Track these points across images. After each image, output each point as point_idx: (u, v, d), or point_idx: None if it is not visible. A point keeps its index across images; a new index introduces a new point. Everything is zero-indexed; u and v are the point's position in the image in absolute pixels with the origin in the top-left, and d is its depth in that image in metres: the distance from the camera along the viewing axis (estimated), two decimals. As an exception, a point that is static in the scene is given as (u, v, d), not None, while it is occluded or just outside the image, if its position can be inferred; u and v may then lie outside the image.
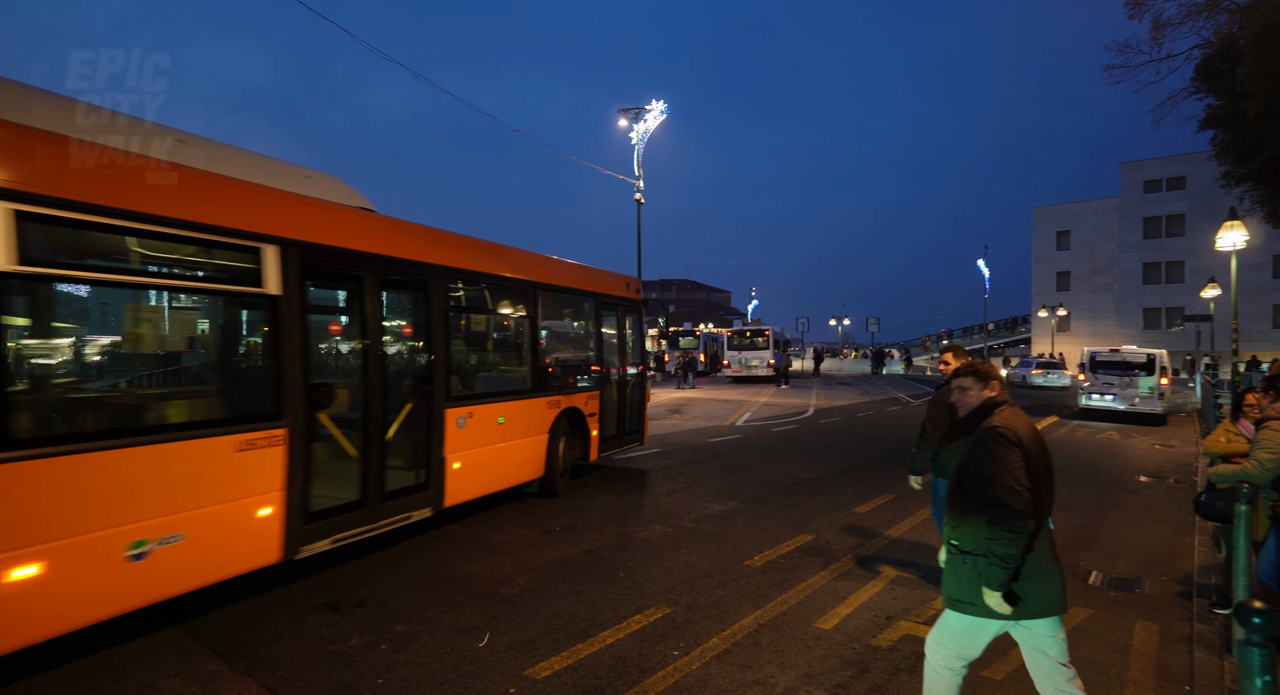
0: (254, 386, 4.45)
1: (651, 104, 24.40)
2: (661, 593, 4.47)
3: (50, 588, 3.11)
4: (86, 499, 3.28)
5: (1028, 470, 2.37)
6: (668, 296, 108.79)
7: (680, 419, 15.21)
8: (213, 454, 3.86)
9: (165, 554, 3.56)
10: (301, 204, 4.64)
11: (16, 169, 3.06)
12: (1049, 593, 2.41)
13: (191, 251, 4.04)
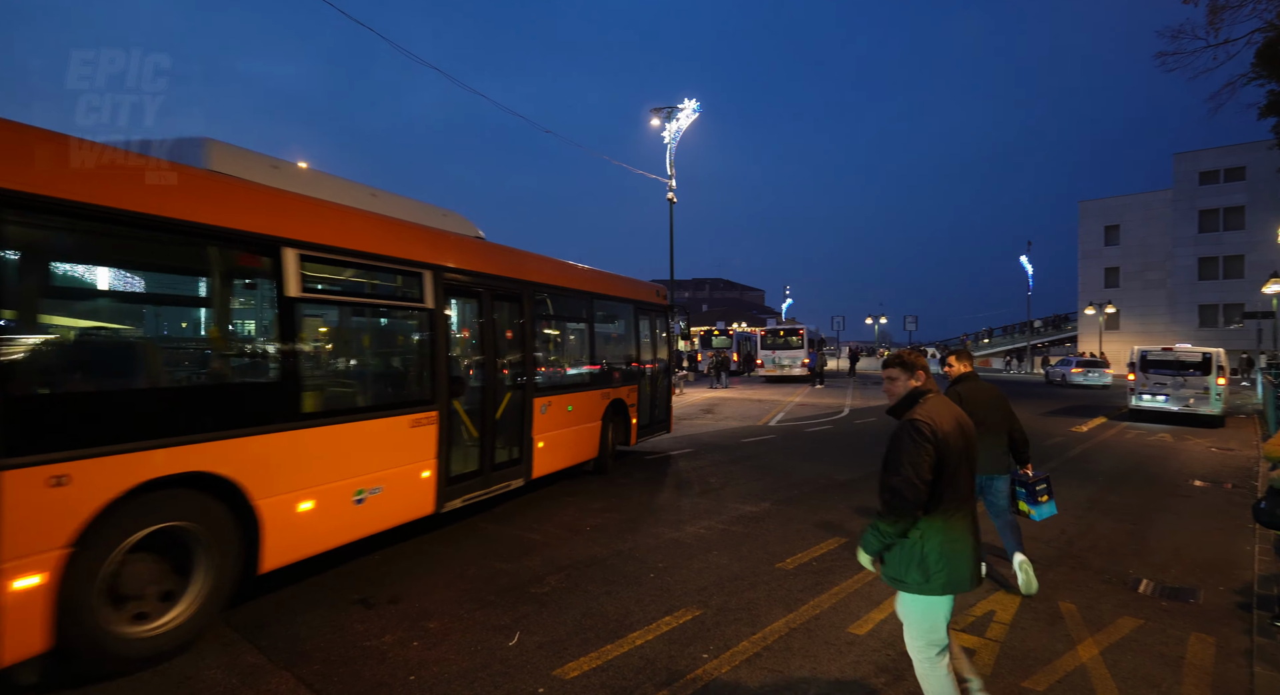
0: (418, 378, 5.65)
1: (683, 102, 24.33)
2: (692, 594, 4.44)
3: (317, 519, 4.43)
4: (336, 457, 4.61)
5: (939, 463, 2.56)
6: (700, 296, 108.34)
7: (713, 419, 15.12)
8: (398, 428, 5.15)
9: (373, 501, 4.88)
10: (444, 238, 6.03)
11: (303, 228, 4.52)
12: (973, 572, 2.63)
13: (385, 278, 5.45)
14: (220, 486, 3.83)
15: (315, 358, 4.98)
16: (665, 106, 24.33)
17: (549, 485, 7.71)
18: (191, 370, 4.29)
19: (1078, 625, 4.07)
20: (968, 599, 4.40)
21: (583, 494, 7.38)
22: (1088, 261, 45.24)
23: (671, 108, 24.34)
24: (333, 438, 4.58)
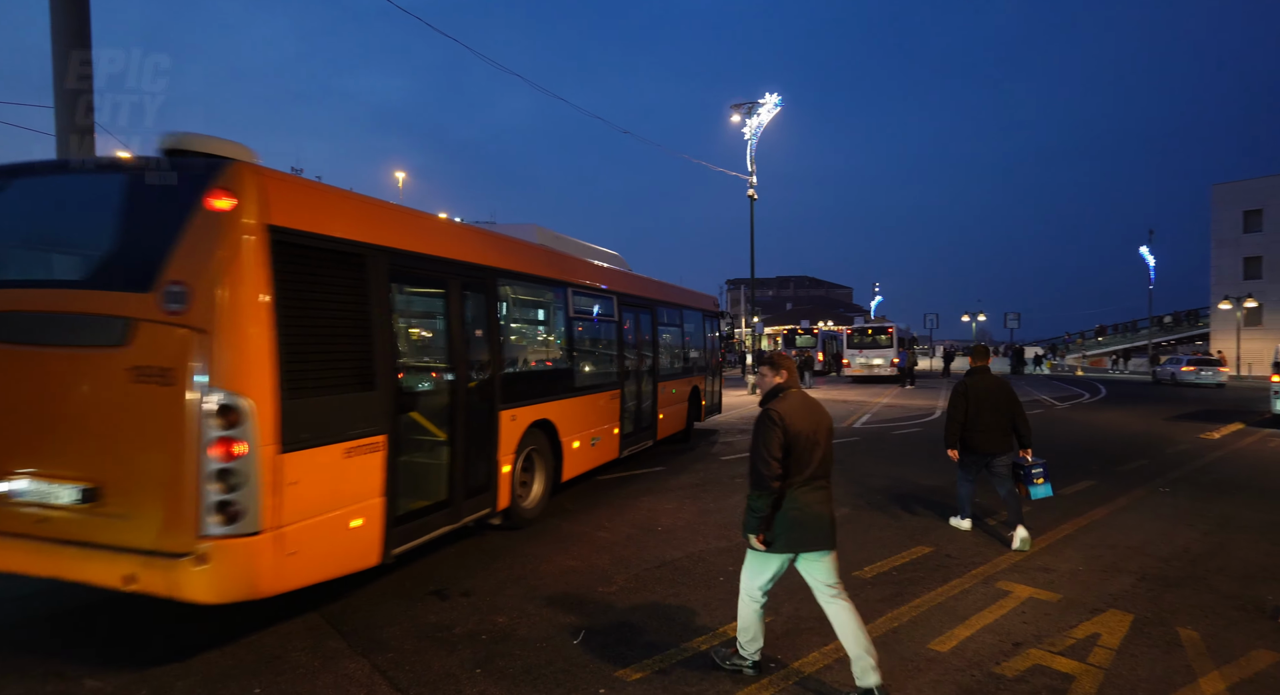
0: (610, 366, 8.27)
1: (764, 97, 23.87)
2: (761, 600, 4.29)
3: (580, 452, 7.14)
4: (586, 416, 7.33)
5: (786, 444, 3.14)
6: (784, 294, 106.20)
7: (794, 420, 14.72)
8: (605, 401, 7.87)
9: (596, 446, 7.55)
10: (621, 272, 9.07)
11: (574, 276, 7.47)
12: (817, 534, 3.19)
13: (603, 304, 8.17)
14: (550, 428, 6.46)
15: (577, 355, 7.54)
16: (746, 102, 23.95)
17: (628, 484, 7.81)
18: (538, 363, 7.16)
19: (1200, 655, 3.62)
20: (1067, 619, 4.03)
21: (657, 493, 7.34)
22: (1223, 250, 40.79)
23: (752, 103, 23.93)
24: (586, 404, 7.33)
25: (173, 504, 3.28)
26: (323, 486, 3.75)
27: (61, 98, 6.55)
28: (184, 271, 3.34)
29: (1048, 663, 3.49)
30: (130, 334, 3.37)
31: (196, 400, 3.25)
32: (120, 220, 3.70)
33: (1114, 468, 9.08)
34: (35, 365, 3.59)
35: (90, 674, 3.34)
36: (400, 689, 3.20)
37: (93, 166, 4.29)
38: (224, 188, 3.40)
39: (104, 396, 3.44)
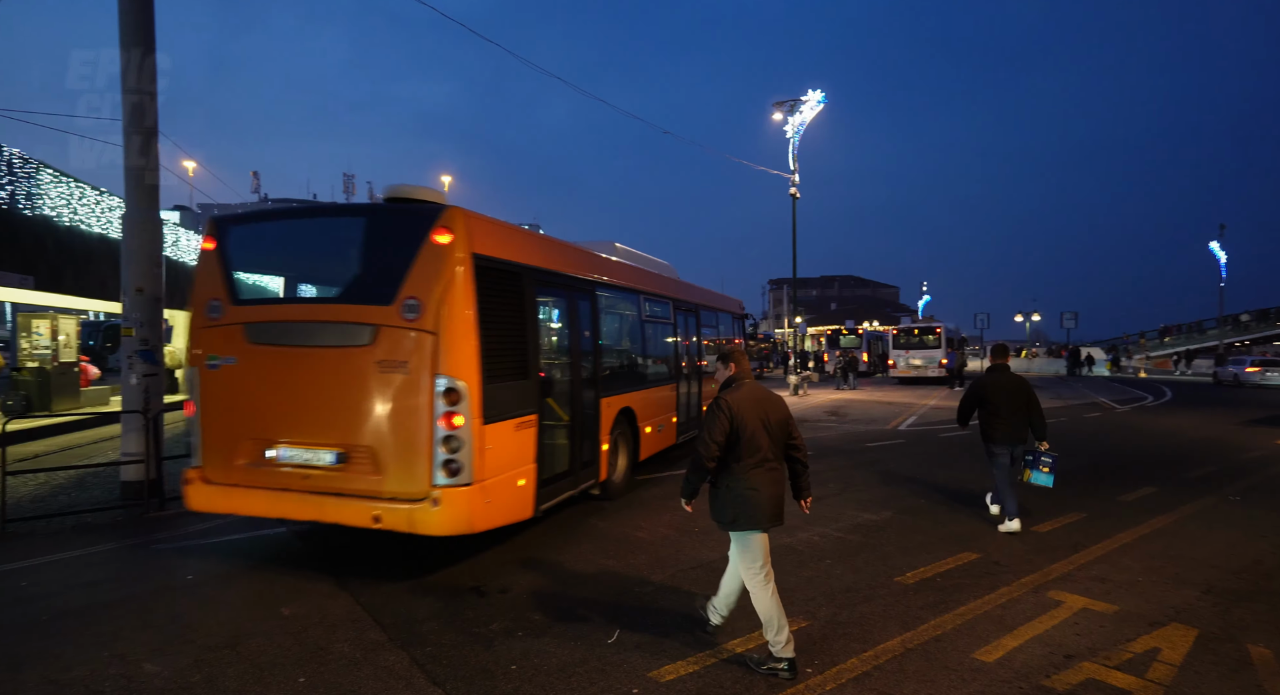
0: (669, 364, 9.31)
1: (807, 94, 23.53)
2: (799, 604, 4.22)
3: (652, 437, 8.27)
4: (656, 406, 8.49)
5: (733, 430, 3.45)
6: (829, 293, 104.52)
7: (837, 421, 14.46)
8: (669, 393, 9.07)
9: (661, 432, 8.64)
10: (675, 281, 10.14)
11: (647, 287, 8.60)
12: (778, 512, 3.54)
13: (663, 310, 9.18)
14: (631, 415, 7.57)
15: (648, 354, 8.63)
16: (788, 99, 23.65)
17: (665, 485, 7.83)
18: (622, 360, 8.11)
19: (1273, 675, 3.40)
20: (1124, 632, 3.83)
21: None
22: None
23: (794, 100, 23.62)
24: (654, 396, 8.48)
25: (412, 462, 4.40)
26: (504, 452, 4.84)
27: (129, 103, 6.88)
28: (417, 289, 4.48)
29: (1102, 677, 3.33)
30: (376, 336, 4.52)
31: (429, 384, 4.39)
32: (368, 251, 4.98)
33: (1179, 474, 8.62)
34: (304, 362, 4.71)
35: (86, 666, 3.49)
36: (438, 683, 3.25)
37: (346, 210, 6.33)
38: (444, 226, 4.55)
39: (356, 383, 4.55)
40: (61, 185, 12.34)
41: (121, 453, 6.86)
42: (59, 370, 13.51)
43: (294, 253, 5.52)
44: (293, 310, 5.02)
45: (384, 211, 5.07)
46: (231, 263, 5.11)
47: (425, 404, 4.40)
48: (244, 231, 5.43)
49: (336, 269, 5.26)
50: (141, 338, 6.80)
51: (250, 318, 4.92)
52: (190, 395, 5.05)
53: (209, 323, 4.99)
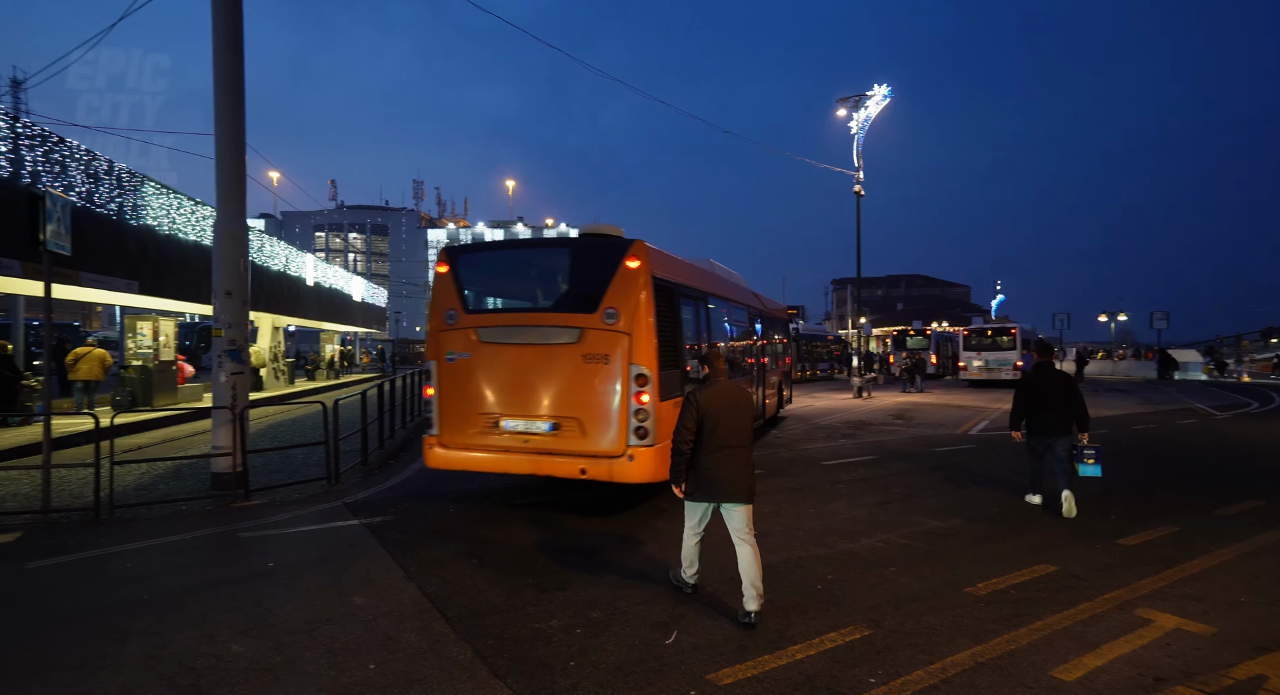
0: (749, 358, 10.97)
1: (873, 89, 22.93)
2: (862, 611, 4.11)
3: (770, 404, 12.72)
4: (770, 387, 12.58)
5: (700, 420, 4.16)
6: (895, 293, 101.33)
7: (903, 425, 13.99)
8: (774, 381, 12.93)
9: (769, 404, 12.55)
10: (749, 290, 11.89)
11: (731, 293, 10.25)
12: (732, 489, 4.12)
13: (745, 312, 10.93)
14: None
15: (739, 348, 10.42)
16: (852, 95, 23.11)
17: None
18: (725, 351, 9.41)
19: (1398, 709, 3.08)
20: (1224, 656, 3.55)
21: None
22: None
23: (859, 96, 23.06)
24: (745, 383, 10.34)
25: (611, 428, 6.00)
26: (669, 423, 5.97)
27: (220, 118, 7.33)
28: (614, 301, 6.11)
29: (1197, 703, 3.09)
30: (583, 336, 6.12)
31: (625, 371, 5.98)
32: (574, 273, 6.68)
33: (1287, 486, 7.92)
34: (524, 355, 6.30)
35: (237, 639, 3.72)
36: (499, 675, 3.33)
37: (554, 242, 8.79)
38: (634, 255, 6.20)
39: (567, 371, 6.14)
40: (162, 196, 13.32)
41: (212, 446, 7.34)
42: (159, 368, 14.58)
43: (510, 274, 7.37)
44: (515, 317, 6.74)
45: (587, 243, 6.66)
46: (461, 282, 6.79)
47: (622, 386, 6.00)
48: (470, 259, 7.14)
49: (548, 286, 6.97)
50: (230, 338, 7.26)
51: (480, 323, 6.58)
52: (430, 381, 6.70)
53: (446, 327, 6.65)
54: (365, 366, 37.91)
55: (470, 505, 6.88)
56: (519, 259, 7.56)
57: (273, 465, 8.86)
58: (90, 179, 11.00)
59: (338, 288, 27.14)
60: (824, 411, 16.98)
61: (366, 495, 7.29)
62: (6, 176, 9.17)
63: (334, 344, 30.44)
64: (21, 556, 5.23)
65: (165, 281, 13.47)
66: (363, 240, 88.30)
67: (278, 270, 19.72)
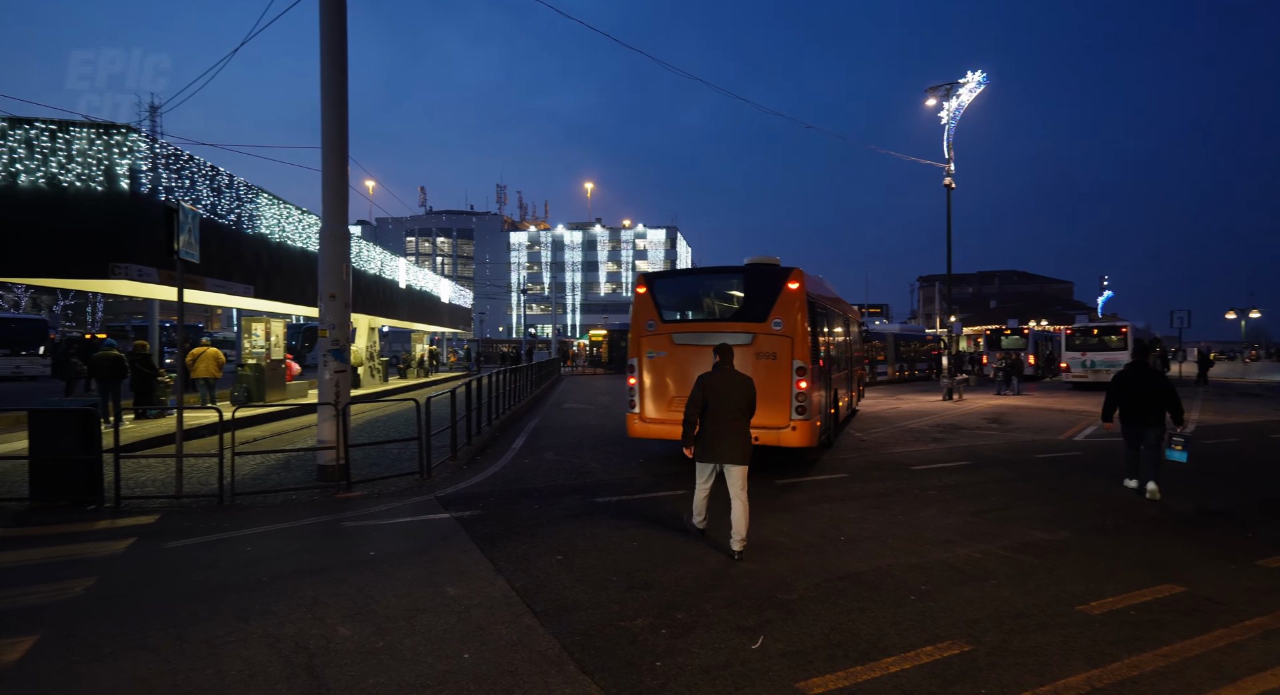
0: (842, 358, 11.80)
1: (966, 76, 21.84)
2: (961, 626, 3.90)
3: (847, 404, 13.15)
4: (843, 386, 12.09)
5: (705, 399, 5.25)
6: (987, 290, 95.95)
7: (998, 429, 13.22)
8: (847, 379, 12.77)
9: (846, 406, 12.91)
10: (842, 300, 13.19)
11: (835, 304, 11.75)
12: (729, 453, 5.19)
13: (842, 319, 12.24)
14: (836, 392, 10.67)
15: (836, 351, 11.19)
16: (943, 84, 22.07)
17: (807, 490, 7.62)
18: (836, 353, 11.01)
19: None
20: (1393, 697, 3.13)
21: (839, 501, 7.01)
22: None
23: (951, 84, 22.00)
24: (842, 379, 11.56)
25: (779, 407, 8.09)
26: (818, 403, 8.52)
27: (326, 133, 7.81)
28: (779, 313, 8.26)
29: (1361, 748, 2.75)
30: (755, 339, 8.29)
31: (789, 365, 8.12)
32: (748, 292, 8.74)
33: None
34: (709, 353, 7.63)
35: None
36: (587, 672, 3.38)
37: (730, 270, 9.29)
38: (794, 279, 8.32)
39: (744, 365, 8.00)
40: (274, 207, 14.37)
41: (318, 440, 7.84)
42: (271, 366, 15.73)
43: (694, 293, 9.46)
44: (701, 326, 8.78)
45: (756, 270, 8.87)
46: (657, 299, 9.05)
47: (787, 375, 8.15)
48: (663, 282, 9.42)
49: (726, 302, 9.09)
50: (334, 339, 7.73)
51: (673, 330, 8.81)
52: (633, 374, 8.92)
53: (646, 333, 8.90)
54: (452, 365, 39.52)
55: (553, 502, 7.03)
56: (702, 282, 9.52)
57: (370, 458, 9.38)
58: (214, 192, 12.02)
59: (427, 290, 28.42)
60: (910, 414, 16.28)
61: (456, 489, 7.59)
62: (146, 192, 10.15)
63: (424, 344, 31.89)
64: (161, 537, 5.77)
65: (275, 285, 14.52)
66: (449, 244, 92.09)
67: (374, 274, 20.87)
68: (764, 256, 9.22)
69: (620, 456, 9.94)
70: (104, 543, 5.57)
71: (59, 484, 6.65)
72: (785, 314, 8.21)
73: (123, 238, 9.85)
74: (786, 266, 8.64)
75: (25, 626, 3.91)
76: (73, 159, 9.60)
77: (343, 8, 7.78)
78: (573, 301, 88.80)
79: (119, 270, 9.66)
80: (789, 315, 8.20)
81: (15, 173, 9.45)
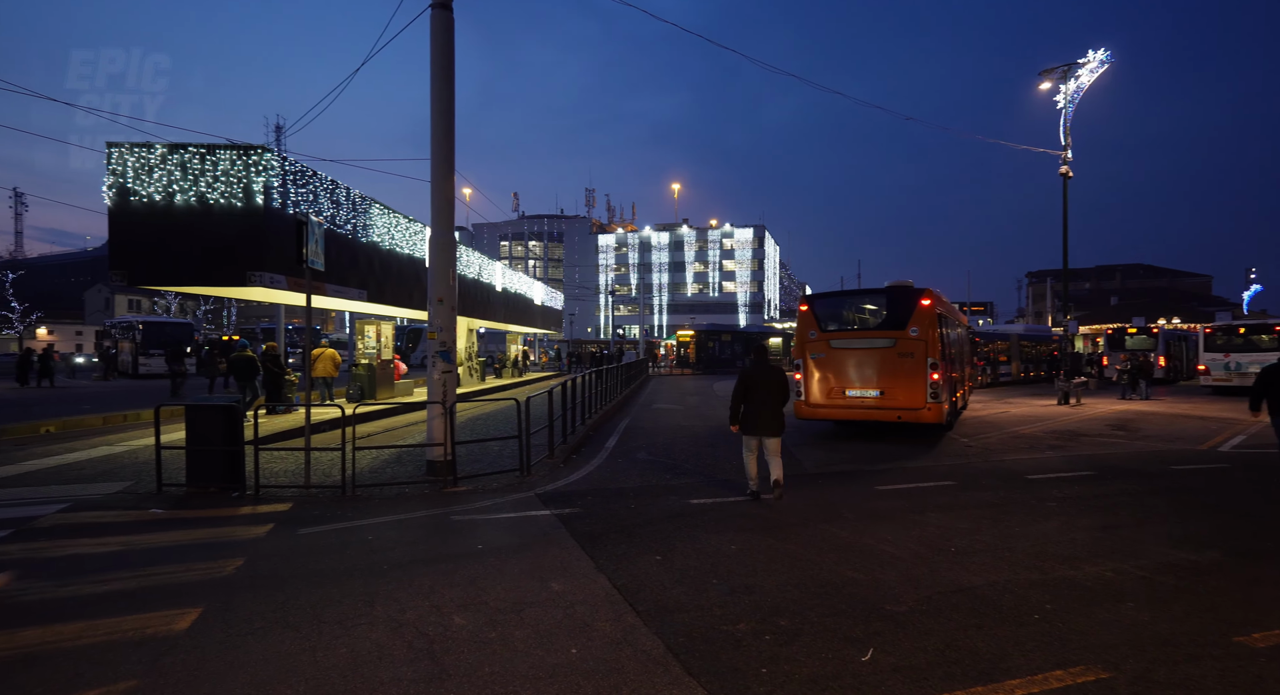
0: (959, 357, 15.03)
1: (1086, 55, 20.22)
2: (1095, 650, 3.62)
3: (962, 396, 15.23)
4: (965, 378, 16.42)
5: (745, 387, 7.02)
6: (1107, 286, 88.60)
7: (1125, 437, 12.14)
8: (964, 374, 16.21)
9: (963, 396, 15.53)
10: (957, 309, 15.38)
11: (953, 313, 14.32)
12: (765, 427, 6.97)
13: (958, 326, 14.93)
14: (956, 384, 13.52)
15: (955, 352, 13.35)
16: (1059, 66, 20.54)
17: (912, 498, 7.33)
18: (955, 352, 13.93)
19: None
20: None
21: (947, 510, 6.67)
22: None
23: (1069, 65, 20.44)
24: (963, 374, 14.99)
25: (916, 394, 10.81)
26: (946, 391, 11.23)
27: (436, 146, 8.25)
28: (916, 323, 10.87)
29: None
30: (897, 343, 10.97)
31: (924, 362, 10.77)
32: (890, 308, 11.44)
33: None
34: (864, 355, 11.21)
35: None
36: (692, 674, 3.39)
37: (876, 291, 12.03)
38: (927, 297, 10.97)
39: (887, 363, 11.03)
40: (385, 216, 15.37)
41: (427, 437, 8.30)
42: (381, 366, 16.79)
43: (845, 309, 12.33)
44: (854, 334, 11.58)
45: (896, 290, 11.53)
46: (816, 314, 11.92)
47: (922, 370, 10.76)
48: (821, 301, 12.29)
49: (874, 315, 11.99)
50: (441, 341, 8.16)
51: (831, 337, 11.56)
52: (799, 370, 11.75)
53: (809, 340, 11.67)
54: (544, 365, 40.67)
55: (649, 502, 7.10)
56: (851, 300, 12.58)
57: (473, 455, 9.83)
58: (333, 204, 12.99)
59: (521, 292, 29.42)
60: (1022, 419, 15.25)
61: (555, 487, 7.82)
62: (277, 207, 11.12)
63: (518, 344, 33.03)
64: (295, 524, 6.30)
65: (385, 290, 15.50)
66: (541, 247, 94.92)
67: (472, 278, 21.84)
68: (902, 280, 11.84)
69: (713, 459, 9.90)
70: (248, 527, 6.14)
71: (210, 472, 7.41)
72: (920, 323, 10.82)
73: (257, 248, 10.82)
74: (920, 287, 11.19)
75: (190, 600, 4.38)
76: (218, 178, 10.67)
77: (450, 41, 8.18)
78: (659, 302, 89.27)
79: (255, 278, 10.62)
80: (923, 324, 10.81)
81: (172, 193, 10.61)
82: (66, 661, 3.52)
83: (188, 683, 3.30)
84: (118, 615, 4.12)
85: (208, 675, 3.38)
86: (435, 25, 8.07)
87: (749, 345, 40.27)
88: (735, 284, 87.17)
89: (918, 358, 10.70)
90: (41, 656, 3.59)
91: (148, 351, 30.50)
